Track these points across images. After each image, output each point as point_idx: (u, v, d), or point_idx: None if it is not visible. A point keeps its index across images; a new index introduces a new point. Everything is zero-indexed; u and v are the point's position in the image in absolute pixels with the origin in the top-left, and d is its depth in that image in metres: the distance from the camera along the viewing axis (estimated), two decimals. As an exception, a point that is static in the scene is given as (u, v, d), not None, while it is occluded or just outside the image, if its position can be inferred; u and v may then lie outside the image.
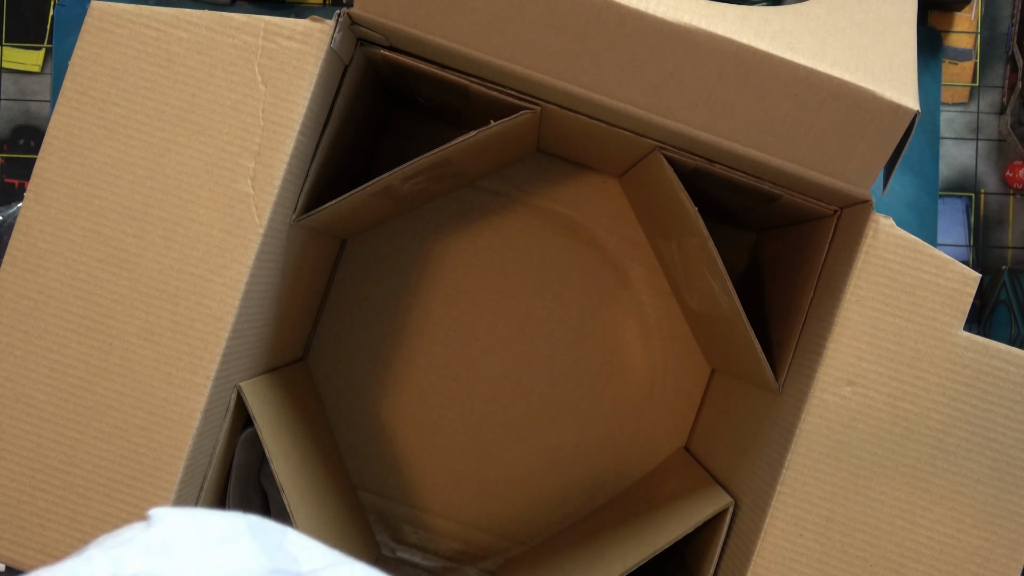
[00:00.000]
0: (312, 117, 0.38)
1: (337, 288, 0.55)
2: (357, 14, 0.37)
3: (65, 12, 0.56)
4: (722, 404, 0.51)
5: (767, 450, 0.40)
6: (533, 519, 0.55)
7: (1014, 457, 0.36)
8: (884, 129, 0.35)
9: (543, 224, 0.55)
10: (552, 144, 0.50)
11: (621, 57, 0.36)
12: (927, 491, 0.37)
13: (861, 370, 0.37)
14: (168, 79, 0.36)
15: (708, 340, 0.51)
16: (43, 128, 0.57)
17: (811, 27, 0.36)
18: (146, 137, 0.36)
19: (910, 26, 0.38)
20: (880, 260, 0.37)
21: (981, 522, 0.36)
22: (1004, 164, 0.57)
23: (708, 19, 0.35)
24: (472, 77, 0.39)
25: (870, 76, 0.35)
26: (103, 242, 0.36)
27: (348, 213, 0.45)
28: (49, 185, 0.36)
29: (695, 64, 0.35)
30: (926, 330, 0.37)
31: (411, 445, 0.55)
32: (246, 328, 0.39)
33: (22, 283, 0.36)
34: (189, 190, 0.36)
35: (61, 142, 0.36)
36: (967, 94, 0.58)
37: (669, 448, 0.55)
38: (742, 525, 0.40)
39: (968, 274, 0.37)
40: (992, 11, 0.58)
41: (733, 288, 0.40)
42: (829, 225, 0.41)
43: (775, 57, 0.35)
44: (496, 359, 0.55)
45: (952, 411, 0.37)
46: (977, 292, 0.55)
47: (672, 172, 0.40)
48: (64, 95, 0.36)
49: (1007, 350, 0.37)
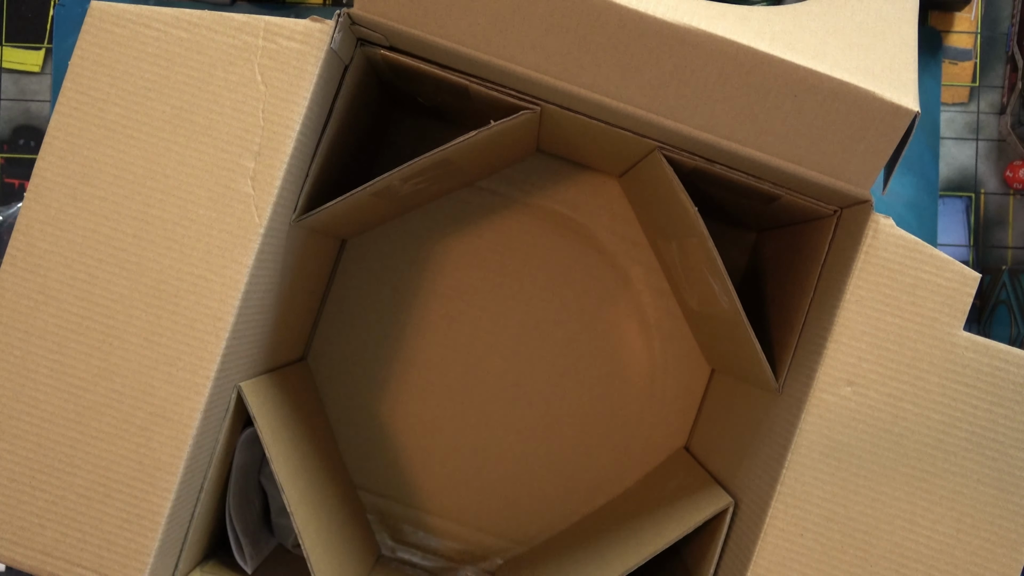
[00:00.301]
0: (312, 117, 0.38)
1: (337, 288, 0.55)
2: (357, 14, 0.37)
3: (65, 12, 0.56)
4: (722, 404, 0.51)
5: (767, 450, 0.40)
6: (533, 519, 0.55)
7: (1014, 457, 0.36)
8: (884, 129, 0.35)
9: (543, 224, 0.55)
10: (552, 144, 0.50)
11: (621, 58, 0.36)
12: (927, 491, 0.37)
13: (861, 370, 0.37)
14: (168, 79, 0.36)
15: (708, 340, 0.51)
16: (43, 128, 0.57)
17: (811, 27, 0.36)
18: (146, 137, 0.36)
19: (911, 26, 0.38)
20: (880, 260, 0.37)
21: (981, 522, 0.36)
22: (1004, 164, 0.57)
23: (708, 20, 0.35)
24: (472, 77, 0.39)
25: (870, 76, 0.35)
26: (103, 242, 0.36)
27: (348, 213, 0.45)
28: (49, 185, 0.36)
29: (695, 64, 0.35)
30: (926, 330, 0.37)
31: (411, 445, 0.55)
32: (246, 328, 0.39)
33: (22, 283, 0.36)
34: (189, 190, 0.36)
35: (61, 142, 0.36)
36: (967, 94, 0.58)
37: (669, 448, 0.55)
38: (742, 525, 0.40)
39: (968, 274, 0.37)
40: (992, 11, 0.58)
41: (733, 288, 0.40)
42: (829, 225, 0.41)
43: (775, 58, 0.35)
44: (496, 359, 0.55)
45: (952, 411, 0.37)
46: (977, 292, 0.55)
47: (672, 172, 0.40)
48: (64, 95, 0.36)
49: (1007, 350, 0.36)
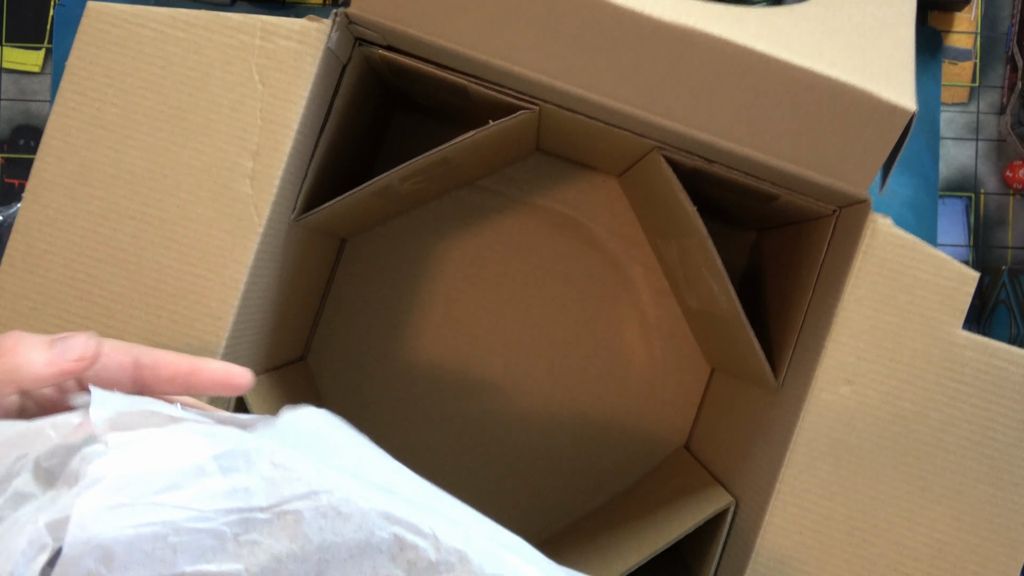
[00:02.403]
0: (310, 116, 0.38)
1: (337, 287, 0.55)
2: (354, 14, 0.37)
3: (65, 12, 0.56)
4: (722, 403, 0.51)
5: (766, 449, 0.40)
6: (533, 517, 0.55)
7: (1013, 456, 0.36)
8: (881, 129, 0.35)
9: (543, 224, 0.55)
10: (552, 143, 0.50)
11: (619, 57, 0.36)
12: (926, 490, 0.37)
13: (860, 369, 0.37)
14: (166, 79, 0.36)
15: (708, 339, 0.51)
16: (43, 128, 0.57)
17: (809, 28, 0.36)
18: (144, 137, 0.36)
19: (908, 27, 0.38)
20: (879, 259, 0.37)
21: (980, 521, 0.36)
22: (1004, 164, 0.57)
23: (705, 20, 0.35)
24: (470, 77, 0.39)
25: (867, 76, 0.35)
26: (102, 242, 0.36)
27: (347, 212, 0.45)
28: (47, 186, 0.36)
29: (693, 64, 0.35)
30: (925, 329, 0.37)
31: (410, 444, 0.55)
32: (246, 327, 0.39)
33: (21, 283, 0.36)
34: (188, 190, 0.36)
35: (59, 142, 0.36)
36: (967, 94, 0.58)
37: (669, 447, 0.55)
38: (742, 523, 0.40)
39: (967, 273, 0.37)
40: (992, 11, 0.58)
41: (732, 288, 0.40)
42: (828, 224, 0.41)
43: (773, 58, 0.35)
44: (496, 358, 0.55)
45: (951, 410, 0.37)
46: (977, 292, 0.55)
47: (671, 172, 0.40)
48: (61, 95, 0.36)
49: (1006, 349, 0.36)
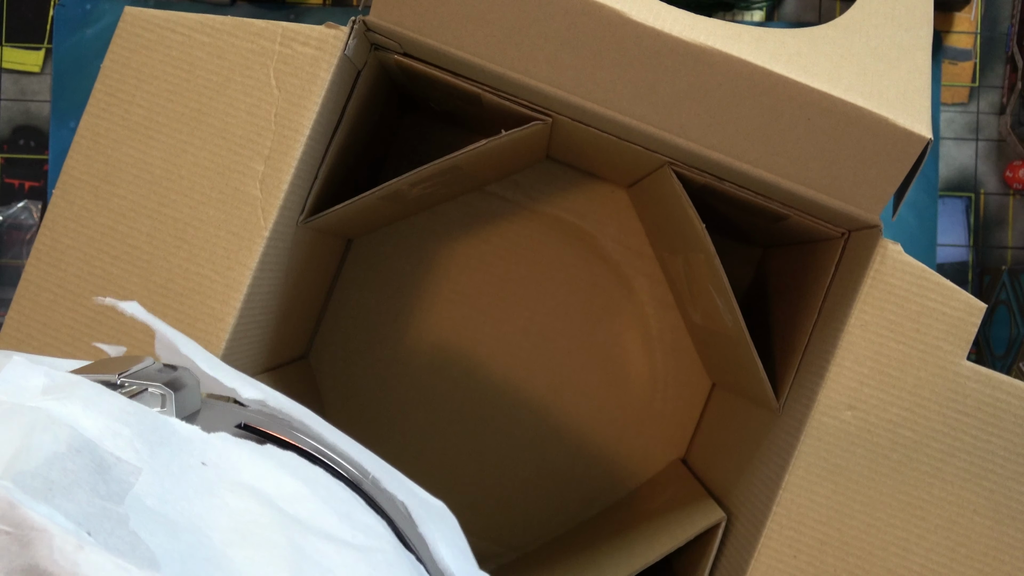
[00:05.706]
0: (323, 122, 0.38)
1: (341, 287, 0.55)
2: (373, 22, 0.37)
3: (65, 12, 0.56)
4: (722, 419, 0.51)
5: (764, 469, 0.40)
6: (528, 525, 0.55)
7: (1012, 489, 0.36)
8: (896, 155, 0.35)
9: (549, 231, 0.55)
10: (562, 153, 0.50)
11: (636, 75, 0.36)
12: (923, 519, 0.37)
13: (863, 395, 0.37)
14: (189, 82, 0.37)
15: (710, 355, 0.51)
16: (43, 128, 0.57)
17: (826, 51, 0.36)
18: (165, 138, 0.37)
19: (925, 52, 0.38)
20: (886, 286, 0.37)
21: (976, 553, 0.37)
22: (1004, 164, 0.57)
23: (724, 40, 0.35)
24: (485, 86, 0.39)
25: (884, 102, 0.35)
26: (119, 239, 0.37)
27: (355, 216, 0.45)
28: (75, 183, 0.37)
29: (710, 84, 0.35)
30: (929, 358, 0.37)
31: (409, 447, 0.55)
32: (248, 328, 0.39)
33: (44, 276, 0.37)
34: (201, 191, 0.37)
35: (88, 141, 0.37)
36: (967, 94, 0.58)
37: (666, 459, 0.55)
38: (737, 542, 0.40)
39: (974, 304, 0.37)
40: (992, 11, 0.58)
41: (737, 307, 0.40)
42: (836, 247, 0.41)
43: (790, 80, 0.35)
44: (497, 364, 0.55)
45: (952, 440, 0.37)
46: (977, 292, 0.55)
47: (681, 188, 0.40)
48: (94, 97, 0.37)
49: (1009, 382, 0.37)
